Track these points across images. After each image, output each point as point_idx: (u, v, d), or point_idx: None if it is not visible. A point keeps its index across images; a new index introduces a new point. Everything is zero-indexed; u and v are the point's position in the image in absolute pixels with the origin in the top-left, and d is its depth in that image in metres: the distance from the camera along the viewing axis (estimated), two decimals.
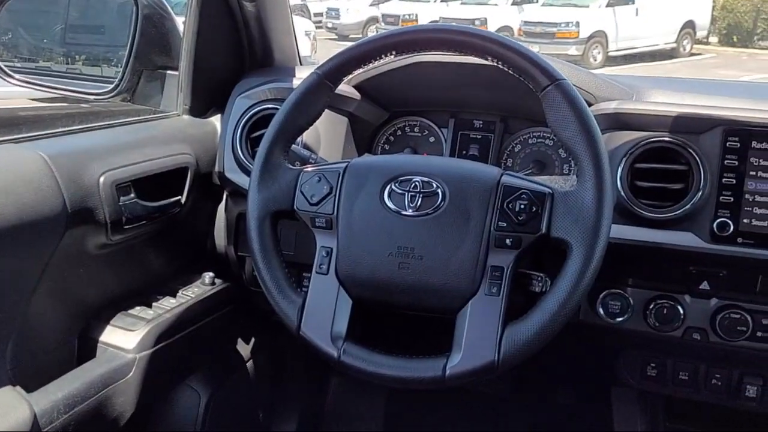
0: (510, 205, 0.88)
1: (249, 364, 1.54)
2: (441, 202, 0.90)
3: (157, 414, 1.31)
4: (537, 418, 1.83)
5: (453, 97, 1.35)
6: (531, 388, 1.84)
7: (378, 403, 1.85)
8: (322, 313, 0.92)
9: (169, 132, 1.32)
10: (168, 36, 1.45)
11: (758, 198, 1.03)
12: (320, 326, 0.91)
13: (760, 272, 1.07)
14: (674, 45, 11.83)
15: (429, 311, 0.93)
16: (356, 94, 1.30)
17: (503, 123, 1.32)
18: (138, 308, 1.23)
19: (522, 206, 0.87)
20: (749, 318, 1.08)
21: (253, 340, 1.56)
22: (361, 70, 1.05)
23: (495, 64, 0.92)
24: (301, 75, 1.32)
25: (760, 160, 1.03)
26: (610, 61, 10.78)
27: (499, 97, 1.28)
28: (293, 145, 1.05)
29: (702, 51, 12.43)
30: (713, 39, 13.34)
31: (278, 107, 1.00)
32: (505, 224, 0.88)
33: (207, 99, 1.40)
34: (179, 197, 1.28)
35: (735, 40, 13.00)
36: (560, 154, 1.29)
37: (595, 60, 10.63)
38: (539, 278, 0.92)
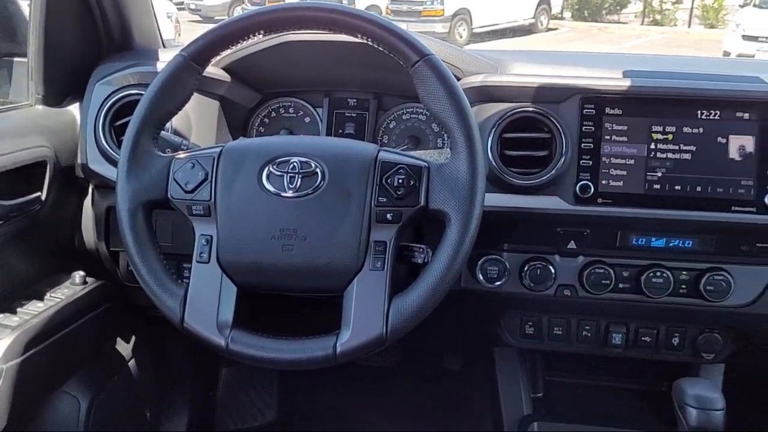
0: (388, 181, 0.89)
1: (131, 363, 1.48)
2: (320, 181, 0.90)
3: (32, 426, 1.23)
4: (426, 385, 1.89)
5: (326, 76, 1.34)
6: (418, 357, 1.90)
7: (271, 388, 1.84)
8: (206, 303, 0.90)
9: (21, 124, 1.22)
10: (11, 20, 1.34)
11: (613, 160, 1.11)
12: (205, 316, 0.89)
13: (617, 229, 1.16)
14: (533, 21, 12.45)
15: (316, 291, 0.94)
16: (226, 76, 1.26)
17: (377, 100, 1.34)
18: (1, 316, 1.14)
19: (400, 181, 0.89)
20: (612, 272, 1.17)
21: (133, 338, 1.50)
22: (229, 51, 1.02)
23: (365, 41, 0.92)
24: (165, 58, 1.26)
25: (613, 125, 1.11)
26: (475, 37, 11.14)
27: (371, 74, 1.29)
28: (162, 132, 1.01)
29: (558, 26, 13.18)
30: (567, 14, 14.17)
31: (142, 92, 0.95)
32: (384, 199, 0.89)
33: (62, 87, 1.30)
34: (39, 193, 1.19)
35: (586, 14, 13.88)
36: (434, 128, 1.33)
37: (461, 37, 10.93)
38: (421, 250, 0.95)
